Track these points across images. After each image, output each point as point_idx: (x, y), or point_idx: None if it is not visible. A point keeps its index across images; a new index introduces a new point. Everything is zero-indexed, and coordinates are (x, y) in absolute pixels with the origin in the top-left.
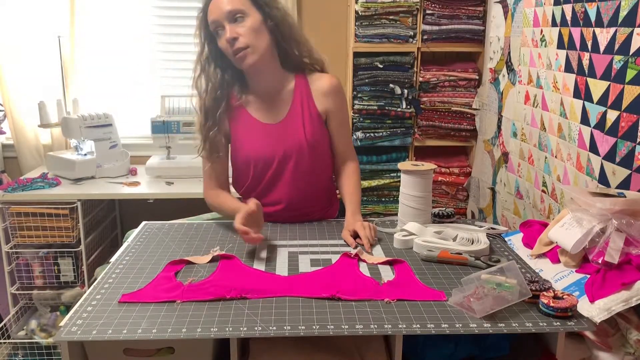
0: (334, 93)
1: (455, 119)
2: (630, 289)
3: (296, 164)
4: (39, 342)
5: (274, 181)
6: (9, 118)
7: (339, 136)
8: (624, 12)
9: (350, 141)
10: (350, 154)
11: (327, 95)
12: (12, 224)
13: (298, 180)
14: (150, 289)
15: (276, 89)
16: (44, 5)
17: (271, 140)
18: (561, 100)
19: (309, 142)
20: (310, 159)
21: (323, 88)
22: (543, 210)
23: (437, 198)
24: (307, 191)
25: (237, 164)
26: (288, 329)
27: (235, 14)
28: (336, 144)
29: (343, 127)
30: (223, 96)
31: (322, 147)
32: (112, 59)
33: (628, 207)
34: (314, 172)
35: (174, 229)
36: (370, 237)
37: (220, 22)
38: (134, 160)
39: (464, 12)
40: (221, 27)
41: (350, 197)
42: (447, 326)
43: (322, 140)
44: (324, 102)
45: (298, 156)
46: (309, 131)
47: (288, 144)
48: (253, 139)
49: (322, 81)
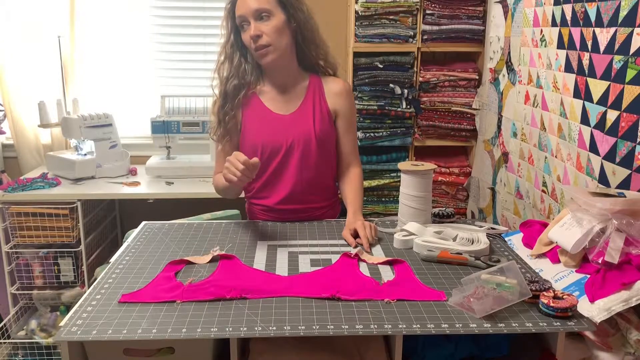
0: (345, 95)
1: (455, 119)
2: (630, 289)
3: (302, 155)
4: (39, 342)
5: (280, 170)
6: (9, 118)
7: (345, 138)
8: (624, 12)
9: (355, 146)
10: (354, 158)
11: (338, 95)
12: (12, 224)
13: (303, 173)
14: (150, 289)
15: (291, 84)
16: (44, 5)
17: (280, 130)
18: (561, 100)
19: (317, 135)
20: (317, 154)
21: (336, 89)
22: (543, 210)
23: (437, 198)
24: (310, 185)
25: (245, 150)
26: (288, 329)
27: (262, 12)
28: (342, 145)
29: (350, 129)
30: (243, 84)
31: (328, 145)
32: (112, 59)
33: (628, 207)
34: (319, 168)
35: (174, 229)
36: (370, 236)
37: (246, 17)
38: (134, 160)
39: (464, 12)
40: (247, 22)
41: (352, 199)
42: (447, 326)
43: (330, 138)
44: (335, 102)
45: (305, 148)
46: (319, 126)
47: (296, 134)
48: (263, 127)
49: (335, 83)
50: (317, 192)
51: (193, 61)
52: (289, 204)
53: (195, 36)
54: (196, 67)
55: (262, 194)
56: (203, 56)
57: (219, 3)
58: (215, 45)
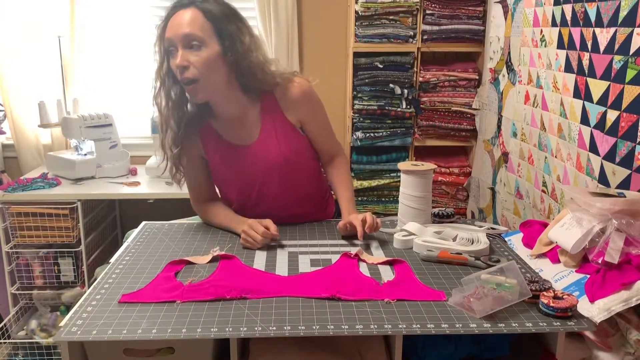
0: (304, 100)
1: (455, 119)
2: (630, 289)
3: (280, 179)
4: (39, 342)
5: (261, 197)
6: (9, 118)
7: (320, 139)
8: (624, 12)
9: (333, 139)
10: (335, 150)
11: (296, 103)
12: (12, 224)
13: (285, 192)
14: (150, 289)
15: (242, 113)
16: (44, 5)
17: (248, 163)
18: (561, 100)
19: (287, 156)
20: (294, 170)
21: (291, 98)
22: (543, 210)
23: (437, 198)
24: (298, 197)
25: (218, 186)
26: (288, 329)
27: (192, 39)
28: (320, 146)
29: (323, 129)
30: (184, 116)
31: (304, 156)
32: (112, 59)
33: (628, 207)
34: (301, 181)
35: (174, 229)
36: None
37: (175, 43)
38: (134, 160)
39: (464, 12)
40: (174, 48)
41: (342, 194)
42: (447, 326)
43: (302, 149)
44: (295, 112)
45: (280, 172)
46: (285, 146)
47: (267, 163)
48: (230, 163)
49: (290, 91)
50: (305, 203)
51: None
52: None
53: None
54: None
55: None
56: None
57: None
58: None
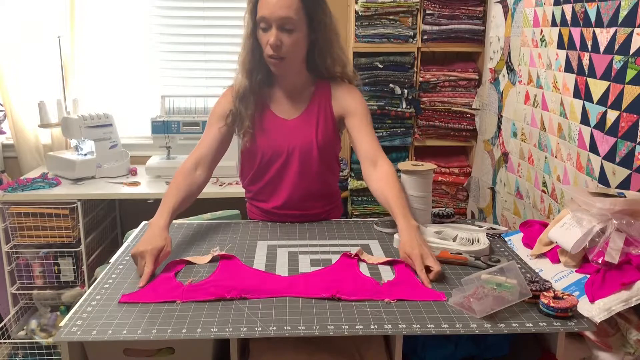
0: (353, 93)
1: (455, 119)
2: (630, 289)
3: (302, 162)
4: (39, 342)
5: (279, 176)
6: (9, 118)
7: (361, 133)
8: (624, 12)
9: (377, 142)
10: (380, 155)
11: (346, 93)
12: (12, 224)
13: (302, 180)
14: (150, 289)
15: (298, 89)
16: (44, 5)
17: (282, 135)
18: (561, 100)
19: (318, 142)
20: (317, 161)
21: (343, 86)
22: (543, 210)
23: (437, 198)
24: (310, 192)
25: (244, 151)
26: (288, 329)
27: (287, 23)
28: (360, 142)
29: (366, 124)
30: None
31: (330, 153)
32: (112, 59)
33: (628, 207)
34: (319, 175)
35: (174, 229)
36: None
37: (270, 22)
38: (134, 160)
39: (464, 12)
40: (268, 26)
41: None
42: (447, 326)
43: (332, 145)
44: (342, 102)
45: (306, 155)
46: (321, 134)
47: (298, 140)
48: (265, 130)
49: (344, 85)
50: (316, 199)
51: (193, 61)
52: (287, 209)
53: (196, 36)
54: (196, 67)
55: (261, 197)
56: (203, 56)
57: (219, 3)
58: (216, 45)
